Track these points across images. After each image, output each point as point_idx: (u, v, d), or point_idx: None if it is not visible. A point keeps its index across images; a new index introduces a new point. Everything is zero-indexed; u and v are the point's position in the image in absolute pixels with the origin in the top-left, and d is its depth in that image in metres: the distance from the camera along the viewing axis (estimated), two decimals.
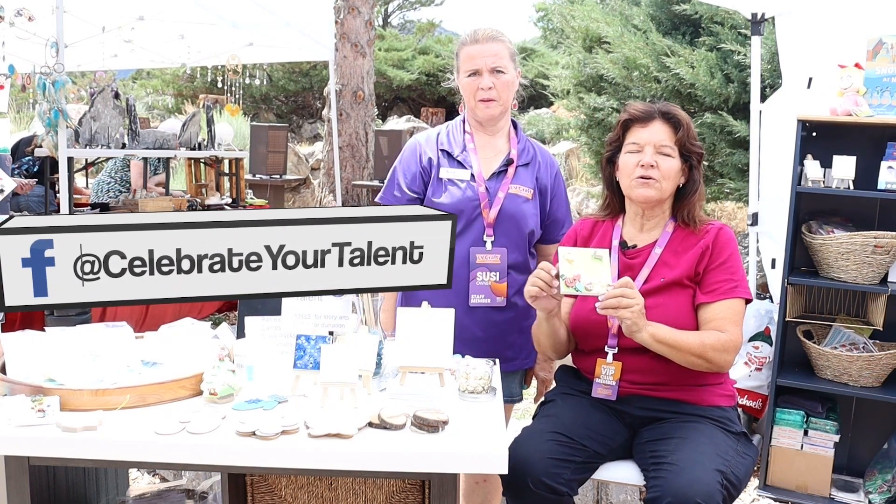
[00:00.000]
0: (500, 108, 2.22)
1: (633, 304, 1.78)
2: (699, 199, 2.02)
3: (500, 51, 2.19)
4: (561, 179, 2.35)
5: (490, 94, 2.19)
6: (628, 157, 1.99)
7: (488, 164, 2.25)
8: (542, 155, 2.33)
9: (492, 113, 2.22)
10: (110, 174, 5.65)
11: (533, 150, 2.32)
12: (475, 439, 1.51)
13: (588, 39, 7.12)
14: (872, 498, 2.91)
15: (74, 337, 1.80)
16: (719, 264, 1.95)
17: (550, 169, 2.32)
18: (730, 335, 1.88)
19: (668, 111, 1.98)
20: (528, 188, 2.25)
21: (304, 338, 1.69)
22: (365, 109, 7.63)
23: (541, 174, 2.30)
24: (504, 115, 2.27)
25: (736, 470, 1.79)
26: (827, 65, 3.14)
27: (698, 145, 2.00)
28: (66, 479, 1.82)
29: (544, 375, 2.39)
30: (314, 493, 1.83)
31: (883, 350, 2.96)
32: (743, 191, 5.56)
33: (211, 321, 4.50)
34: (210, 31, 6.17)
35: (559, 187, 2.34)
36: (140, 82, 16.47)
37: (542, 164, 2.31)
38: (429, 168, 2.26)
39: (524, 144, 2.31)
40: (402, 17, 22.47)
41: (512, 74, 2.22)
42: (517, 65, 2.26)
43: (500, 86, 2.19)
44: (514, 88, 2.26)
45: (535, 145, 2.34)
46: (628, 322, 1.80)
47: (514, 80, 2.24)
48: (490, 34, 2.21)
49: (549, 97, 11.23)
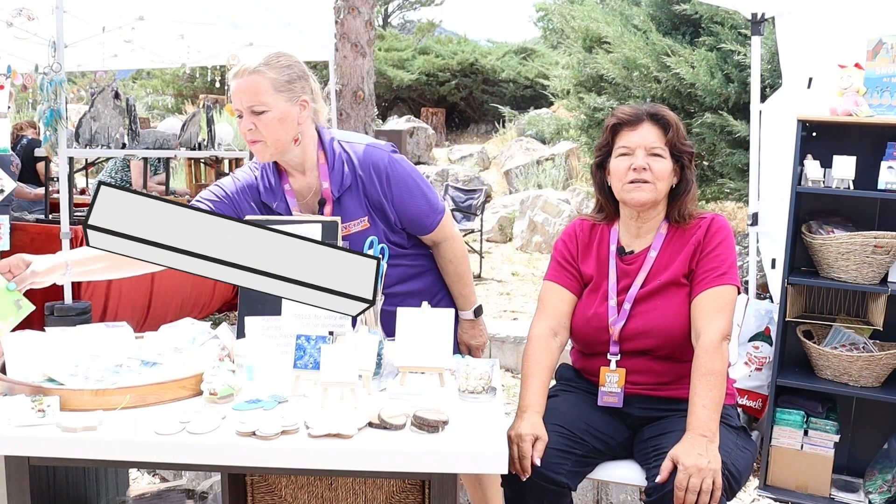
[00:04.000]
0: (272, 148, 1.98)
1: (698, 485, 1.66)
2: (692, 198, 2.01)
3: (259, 85, 1.92)
4: (396, 176, 2.06)
5: (254, 136, 1.96)
6: (619, 162, 1.97)
7: (309, 208, 2.07)
8: (362, 165, 2.05)
9: (263, 155, 2.00)
10: (110, 174, 5.66)
11: (350, 168, 2.05)
12: (475, 439, 1.51)
13: (588, 39, 7.13)
14: (872, 498, 2.91)
15: (74, 337, 1.80)
16: (708, 253, 1.94)
17: (377, 175, 2.05)
18: (704, 336, 1.84)
19: (655, 112, 1.97)
20: (359, 219, 2.05)
21: (304, 338, 1.69)
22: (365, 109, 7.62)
23: (369, 190, 2.05)
24: (285, 151, 2.01)
25: (736, 462, 1.79)
26: (827, 65, 3.14)
27: (689, 145, 2.00)
28: (66, 479, 1.83)
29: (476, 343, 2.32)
30: (314, 493, 1.83)
31: (883, 350, 2.96)
32: (743, 191, 5.56)
33: (211, 321, 4.51)
34: (210, 31, 6.17)
35: (397, 188, 2.06)
36: (140, 82, 16.49)
37: (366, 178, 2.05)
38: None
39: (338, 166, 2.04)
40: (402, 17, 22.49)
41: (280, 109, 1.94)
42: (299, 91, 1.98)
43: (262, 126, 1.94)
44: (287, 123, 1.96)
45: (350, 158, 2.06)
46: (704, 477, 1.67)
47: (284, 115, 1.95)
48: (250, 67, 1.94)
49: (549, 97, 11.24)
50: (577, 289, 2.07)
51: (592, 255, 2.07)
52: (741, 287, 2.04)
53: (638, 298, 1.97)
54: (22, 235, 4.15)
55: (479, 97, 15.64)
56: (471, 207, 8.48)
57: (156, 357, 1.81)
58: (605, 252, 2.05)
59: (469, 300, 2.29)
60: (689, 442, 1.72)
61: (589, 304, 2.02)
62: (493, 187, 11.59)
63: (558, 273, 2.08)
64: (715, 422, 1.75)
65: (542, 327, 2.02)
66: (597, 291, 2.03)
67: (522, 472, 1.76)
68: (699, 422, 1.74)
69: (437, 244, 2.21)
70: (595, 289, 2.04)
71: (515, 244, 9.44)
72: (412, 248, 2.20)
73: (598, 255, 2.06)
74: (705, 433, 1.72)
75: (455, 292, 2.27)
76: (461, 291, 2.27)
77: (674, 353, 1.95)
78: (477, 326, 2.33)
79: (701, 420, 1.74)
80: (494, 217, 9.78)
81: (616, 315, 1.97)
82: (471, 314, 2.31)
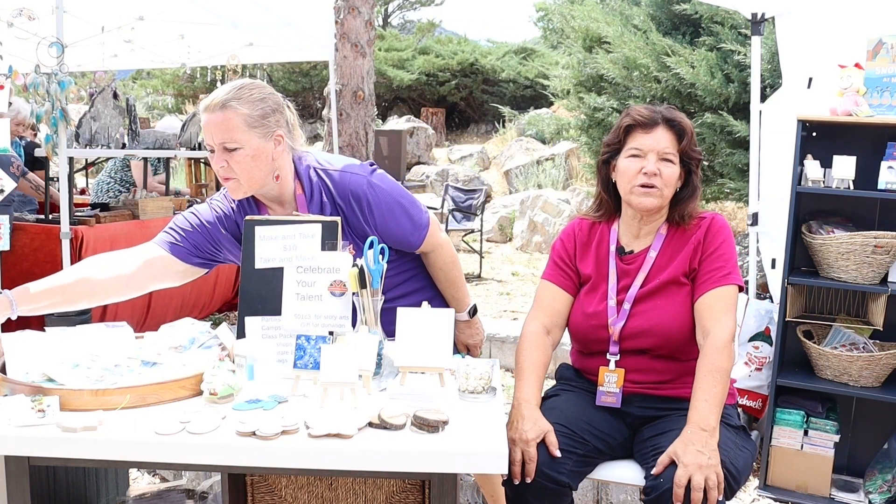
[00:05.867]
0: (245, 185, 1.92)
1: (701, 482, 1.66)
2: (695, 201, 2.01)
3: (231, 122, 1.85)
4: (377, 201, 1.99)
5: (226, 173, 1.90)
6: (629, 163, 1.95)
7: None
8: (340, 194, 1.98)
9: (237, 193, 1.95)
10: (110, 174, 5.65)
11: (328, 198, 1.99)
12: (475, 439, 1.51)
13: (588, 39, 7.13)
14: (872, 498, 2.91)
15: (74, 337, 1.80)
16: (711, 253, 1.94)
17: (357, 203, 1.98)
18: (715, 335, 1.84)
19: (672, 118, 1.95)
20: (343, 247, 1.97)
21: (304, 338, 1.69)
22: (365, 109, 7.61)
23: (350, 219, 1.98)
24: (260, 187, 1.95)
25: (735, 461, 1.79)
26: (827, 65, 3.13)
27: (698, 151, 1.99)
28: (66, 479, 1.83)
29: (473, 341, 2.33)
30: (314, 493, 1.83)
31: (883, 350, 2.96)
32: (743, 191, 5.56)
33: (211, 321, 4.51)
34: (210, 31, 6.17)
35: (378, 213, 1.99)
36: (140, 82, 16.48)
37: (345, 206, 1.97)
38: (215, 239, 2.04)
39: (316, 197, 1.98)
40: (402, 17, 22.48)
41: (253, 146, 1.87)
42: (273, 126, 1.90)
43: (234, 163, 1.88)
44: (261, 160, 1.89)
45: (328, 188, 1.99)
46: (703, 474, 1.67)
47: (258, 152, 1.88)
48: (220, 101, 1.86)
49: (549, 97, 11.24)
50: (573, 288, 2.07)
51: (591, 254, 2.07)
52: (744, 286, 2.04)
53: (638, 298, 1.97)
54: (22, 235, 4.15)
55: (479, 97, 15.64)
56: (471, 207, 8.48)
57: (156, 357, 1.81)
58: (605, 251, 2.05)
59: (463, 302, 2.27)
60: (688, 437, 1.71)
61: (588, 303, 2.02)
62: (493, 187, 11.59)
63: (554, 272, 2.08)
64: (716, 417, 1.75)
65: (536, 325, 2.03)
66: (596, 290, 2.03)
67: (527, 475, 1.75)
68: (700, 416, 1.74)
69: (426, 254, 2.19)
70: (594, 288, 2.04)
71: (515, 244, 9.45)
72: (398, 258, 2.14)
73: (597, 255, 2.06)
74: (705, 427, 1.72)
75: (448, 296, 2.26)
76: (454, 295, 2.25)
77: (673, 352, 1.95)
78: (473, 326, 2.33)
79: (702, 414, 1.74)
80: (494, 217, 9.79)
81: (616, 315, 1.97)
82: (466, 315, 2.30)
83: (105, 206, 4.78)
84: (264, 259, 1.91)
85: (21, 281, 1.95)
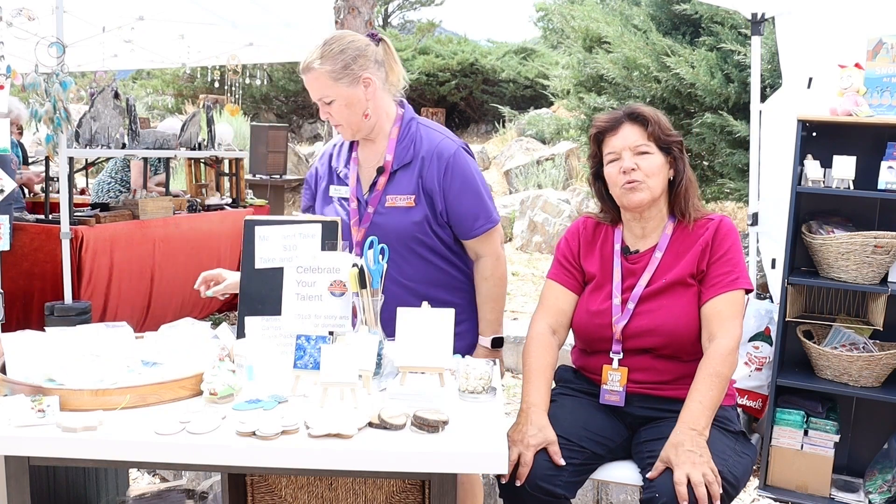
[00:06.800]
0: (349, 129, 2.11)
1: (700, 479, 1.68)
2: (692, 189, 2.01)
3: (319, 79, 2.04)
4: (458, 170, 2.10)
5: (333, 121, 2.11)
6: (611, 168, 1.99)
7: (368, 176, 2.14)
8: (427, 150, 2.11)
9: (346, 135, 2.15)
10: (110, 174, 5.65)
11: (416, 148, 2.11)
12: (475, 439, 1.51)
13: (588, 39, 7.13)
14: (872, 498, 2.91)
15: (74, 337, 1.80)
16: (720, 257, 1.95)
17: (438, 162, 2.09)
18: (721, 340, 1.86)
19: (632, 112, 1.99)
20: (406, 195, 2.09)
21: (304, 338, 1.69)
22: None
23: (426, 173, 2.09)
24: (361, 128, 2.11)
25: (734, 469, 1.79)
26: (827, 65, 3.14)
27: (674, 134, 2.00)
28: (66, 479, 1.83)
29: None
30: (314, 493, 1.83)
31: (883, 350, 2.96)
32: (743, 191, 5.56)
33: (211, 321, 4.51)
34: (210, 31, 6.17)
35: (454, 181, 2.09)
36: (140, 82, 16.47)
37: (427, 161, 2.09)
38: (315, 182, 2.26)
39: (407, 143, 2.12)
40: (402, 17, 22.47)
41: (343, 96, 2.05)
42: (359, 71, 2.04)
43: (334, 113, 2.08)
44: (355, 105, 2.06)
45: (421, 140, 2.13)
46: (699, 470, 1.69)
47: (350, 100, 2.05)
48: (306, 64, 2.06)
49: (549, 97, 11.24)
50: (578, 288, 2.07)
51: (596, 252, 2.07)
52: (753, 287, 2.05)
53: (643, 297, 1.97)
54: (22, 235, 4.15)
55: (479, 97, 15.63)
56: None
57: (156, 357, 1.81)
58: (610, 250, 2.05)
59: (492, 326, 2.17)
60: (678, 438, 1.74)
61: (592, 301, 2.03)
62: (493, 187, 11.59)
63: (559, 272, 2.09)
64: (707, 419, 1.78)
65: (542, 325, 2.04)
66: (601, 289, 2.03)
67: (518, 478, 1.76)
68: (692, 416, 1.77)
69: (479, 257, 2.16)
70: (599, 286, 2.04)
71: (515, 244, 9.44)
72: (454, 255, 2.15)
73: (602, 254, 2.06)
74: (694, 427, 1.75)
75: (481, 313, 2.18)
76: (487, 315, 2.16)
77: (677, 352, 1.95)
78: (491, 357, 2.12)
79: (694, 415, 1.77)
80: None
81: (620, 314, 1.97)
82: (488, 342, 2.17)
83: (105, 206, 4.78)
84: (264, 259, 1.92)
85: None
